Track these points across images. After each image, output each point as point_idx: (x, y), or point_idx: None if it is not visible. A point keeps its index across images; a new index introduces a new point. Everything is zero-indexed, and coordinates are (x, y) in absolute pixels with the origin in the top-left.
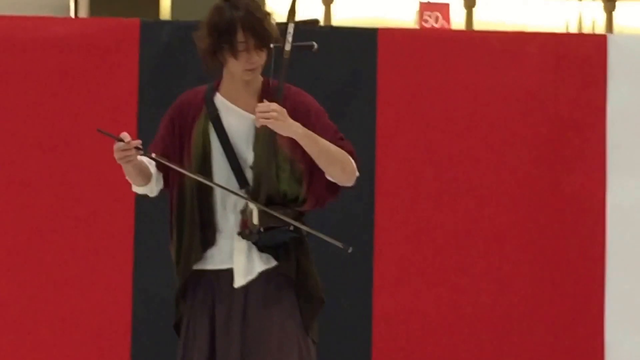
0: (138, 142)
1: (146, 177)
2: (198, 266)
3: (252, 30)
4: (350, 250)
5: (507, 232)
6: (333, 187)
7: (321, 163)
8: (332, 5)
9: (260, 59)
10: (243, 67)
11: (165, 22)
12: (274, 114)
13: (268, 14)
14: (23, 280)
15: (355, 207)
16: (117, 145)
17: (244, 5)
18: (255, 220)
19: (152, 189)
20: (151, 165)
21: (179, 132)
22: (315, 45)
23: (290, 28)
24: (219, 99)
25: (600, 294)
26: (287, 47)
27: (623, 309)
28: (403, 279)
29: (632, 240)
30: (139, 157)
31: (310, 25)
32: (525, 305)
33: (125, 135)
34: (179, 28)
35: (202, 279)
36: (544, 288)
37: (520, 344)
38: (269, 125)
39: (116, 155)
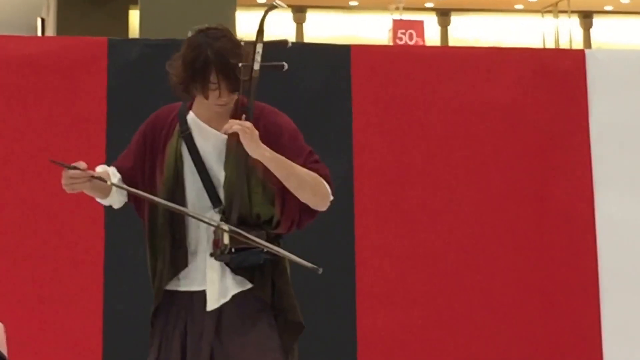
0: (91, 173)
1: (104, 193)
2: (171, 287)
3: (226, 74)
4: (320, 272)
5: (492, 248)
6: (308, 209)
7: (290, 187)
8: (304, 25)
9: (230, 100)
10: (212, 103)
11: (133, 41)
12: (248, 130)
13: (242, 49)
14: None
15: (334, 225)
16: (66, 173)
17: (220, 46)
18: (226, 240)
19: (114, 201)
20: (115, 177)
21: (150, 148)
22: (286, 65)
23: (259, 48)
24: (192, 118)
25: (595, 311)
26: (256, 66)
27: (619, 323)
28: (386, 294)
29: (623, 252)
30: (98, 169)
31: (279, 45)
32: (514, 321)
33: (80, 164)
34: (146, 46)
35: (176, 300)
36: (535, 304)
37: None
38: (240, 137)
39: (64, 182)
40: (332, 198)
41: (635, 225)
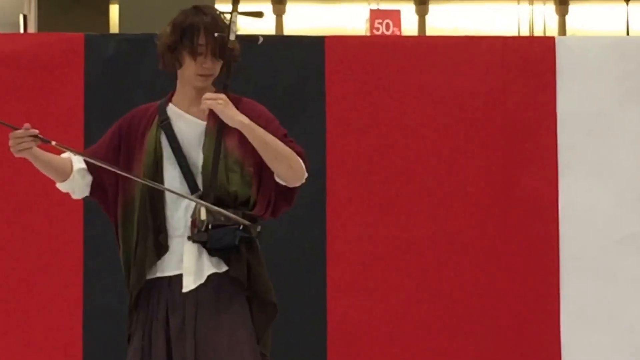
0: (35, 131)
1: (63, 174)
2: (150, 275)
3: (214, 36)
4: (259, 229)
5: (461, 236)
6: (284, 194)
7: (267, 157)
8: (284, 16)
9: (213, 67)
10: (196, 71)
11: (110, 36)
12: (221, 101)
13: (232, 23)
14: None
15: (306, 214)
16: (12, 133)
17: (211, 12)
18: (203, 216)
19: (73, 187)
20: (80, 162)
21: (126, 141)
22: (261, 38)
23: (235, 17)
24: (171, 108)
25: (555, 295)
26: (232, 36)
27: (578, 308)
28: (357, 285)
29: (585, 241)
30: (64, 155)
31: (250, 41)
32: (481, 308)
33: (27, 125)
34: (123, 41)
35: (154, 288)
36: (500, 291)
37: (477, 347)
38: (215, 109)
39: (10, 143)
40: (306, 175)
41: (597, 213)
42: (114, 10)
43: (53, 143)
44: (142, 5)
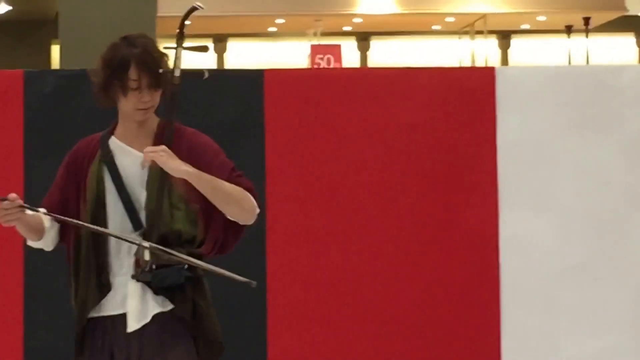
0: (20, 202)
1: (39, 232)
2: (94, 313)
3: (146, 68)
4: (254, 285)
5: (401, 267)
6: (234, 229)
7: (217, 202)
8: (224, 55)
9: (152, 99)
10: (134, 106)
11: (48, 72)
12: (163, 153)
13: (164, 55)
14: None
15: (246, 246)
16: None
17: (141, 43)
18: (147, 256)
19: (47, 242)
20: (46, 219)
21: (74, 178)
22: (207, 73)
23: (179, 53)
24: (114, 142)
25: (496, 327)
26: (177, 72)
27: (519, 341)
28: (298, 316)
29: (526, 273)
30: (31, 213)
31: (199, 51)
32: (422, 341)
33: (12, 196)
34: (62, 77)
35: (99, 327)
36: (441, 322)
37: None
38: (157, 162)
39: None
40: (258, 210)
41: (538, 244)
42: (55, 50)
43: (41, 211)
44: (83, 43)
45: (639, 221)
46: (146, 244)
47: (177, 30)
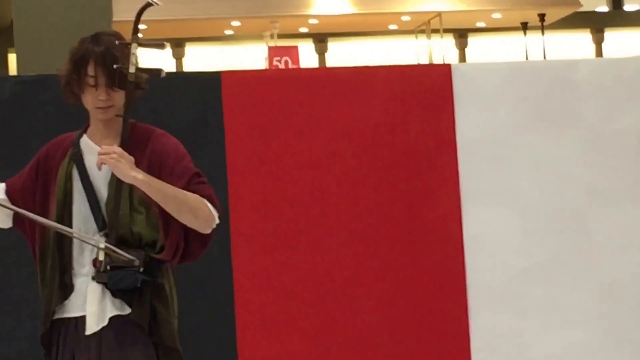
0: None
1: None
2: (59, 314)
3: (105, 66)
4: (137, 264)
5: (365, 269)
6: (199, 238)
7: (169, 210)
8: (183, 59)
9: (110, 98)
10: (93, 104)
11: (4, 78)
12: (115, 155)
13: (131, 55)
14: None
15: (210, 252)
16: None
17: (105, 41)
18: (101, 257)
19: None
20: (1, 193)
21: (43, 174)
22: (164, 71)
23: (134, 49)
24: (84, 140)
25: (464, 326)
26: (132, 69)
27: (487, 339)
28: (266, 322)
29: (491, 271)
30: None
31: (152, 74)
32: (390, 342)
33: None
34: (17, 83)
35: (63, 329)
36: (410, 324)
37: None
38: (107, 165)
39: None
40: (217, 221)
41: (502, 242)
42: (12, 58)
43: (19, 210)
44: (39, 50)
45: (601, 215)
46: (102, 244)
47: (133, 26)
